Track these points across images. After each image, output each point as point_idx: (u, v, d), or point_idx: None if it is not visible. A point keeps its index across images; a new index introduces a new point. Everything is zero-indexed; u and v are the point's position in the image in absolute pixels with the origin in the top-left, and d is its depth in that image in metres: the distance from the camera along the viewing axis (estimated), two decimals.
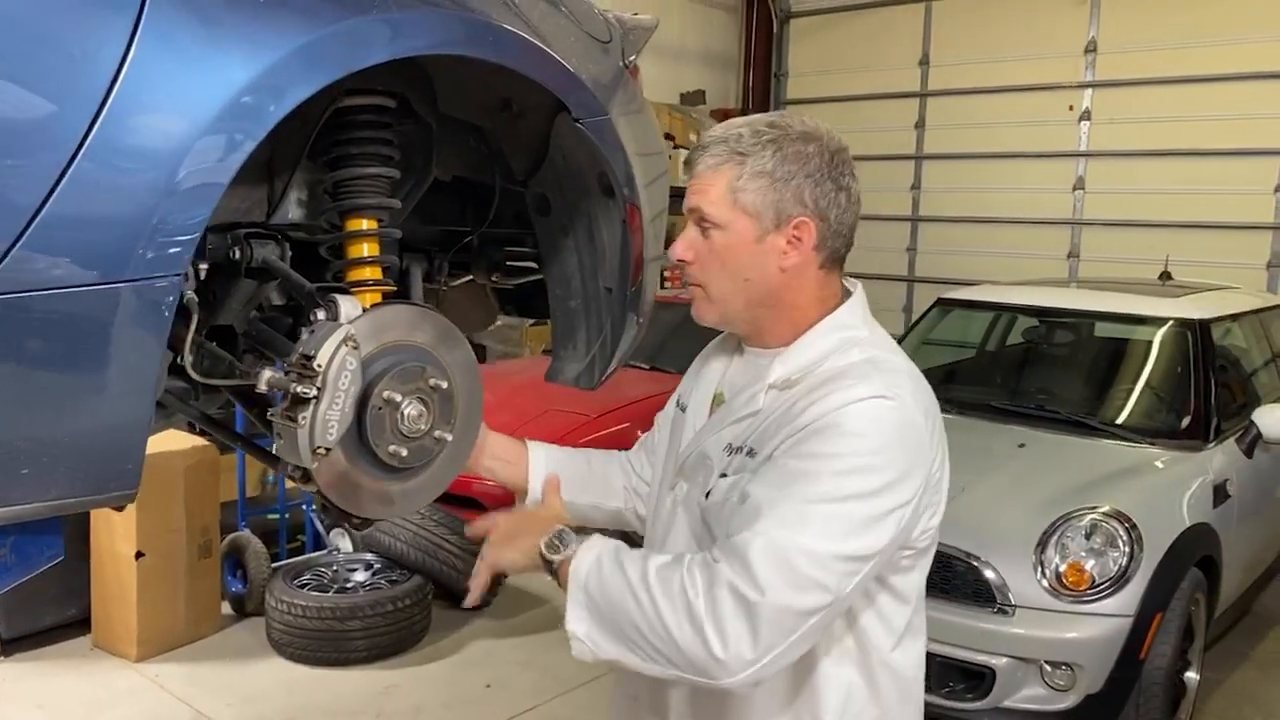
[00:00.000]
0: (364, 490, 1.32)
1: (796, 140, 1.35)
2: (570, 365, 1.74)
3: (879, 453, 1.26)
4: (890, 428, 1.28)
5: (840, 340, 1.39)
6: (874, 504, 1.25)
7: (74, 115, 0.92)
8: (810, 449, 1.27)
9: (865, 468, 1.25)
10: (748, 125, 1.38)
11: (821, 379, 1.33)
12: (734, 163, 1.35)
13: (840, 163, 1.37)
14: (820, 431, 1.27)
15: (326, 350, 1.22)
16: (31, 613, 3.91)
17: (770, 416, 1.37)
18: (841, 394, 1.28)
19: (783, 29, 9.80)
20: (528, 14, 1.38)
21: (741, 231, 1.36)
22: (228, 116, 1.00)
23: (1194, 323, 4.30)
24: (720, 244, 1.37)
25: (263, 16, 1.03)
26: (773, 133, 1.35)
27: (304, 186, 1.46)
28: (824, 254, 1.39)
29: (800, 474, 1.25)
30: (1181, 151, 7.63)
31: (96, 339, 0.96)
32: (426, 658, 4.03)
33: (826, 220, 1.37)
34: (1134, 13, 7.81)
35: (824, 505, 1.23)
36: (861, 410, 1.27)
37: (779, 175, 1.34)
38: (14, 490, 0.96)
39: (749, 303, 1.40)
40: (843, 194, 1.37)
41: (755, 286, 1.38)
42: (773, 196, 1.34)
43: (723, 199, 1.36)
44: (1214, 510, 3.65)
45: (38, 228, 0.91)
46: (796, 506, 1.23)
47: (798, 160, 1.34)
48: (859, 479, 1.25)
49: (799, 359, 1.39)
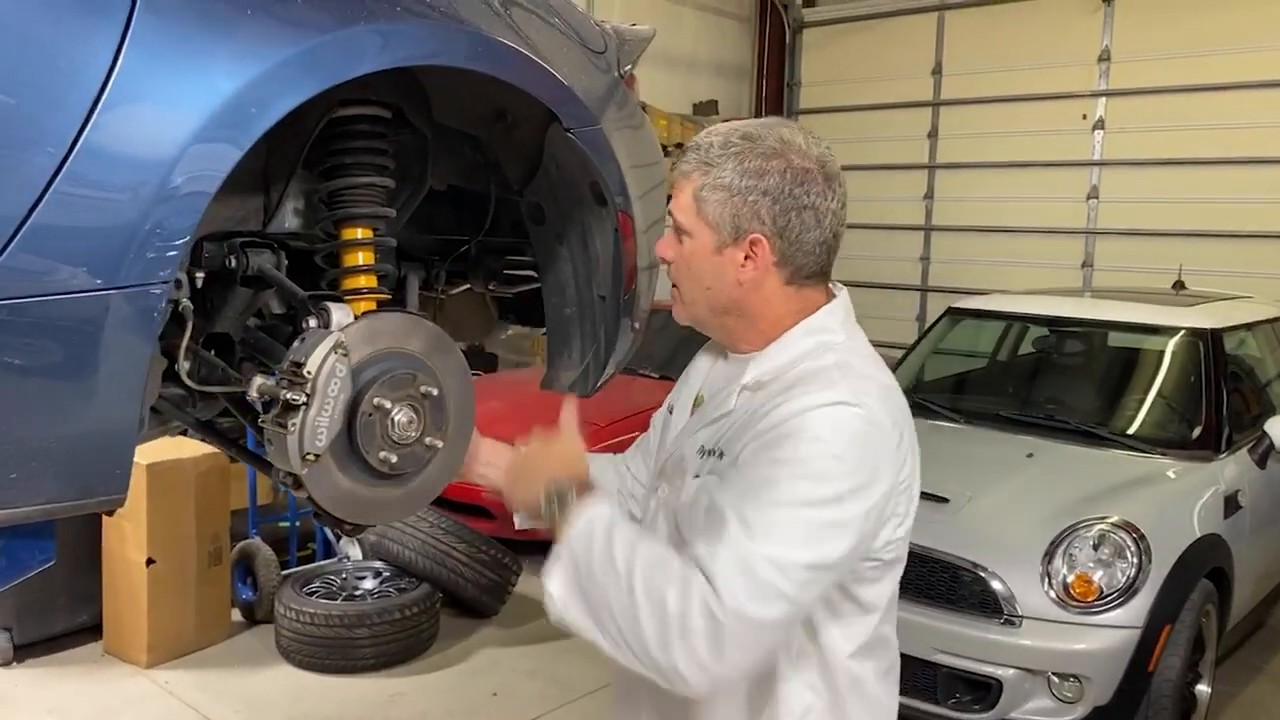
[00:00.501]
0: (355, 496, 1.33)
1: (760, 156, 1.33)
2: (565, 372, 1.75)
3: (841, 459, 1.25)
4: (852, 434, 1.26)
5: (816, 344, 1.38)
6: (834, 510, 1.24)
7: (62, 124, 0.93)
8: (772, 455, 1.26)
9: (824, 474, 1.24)
10: (722, 135, 1.38)
11: (790, 382, 1.33)
12: (700, 171, 1.37)
13: (806, 181, 1.33)
14: (784, 437, 1.26)
15: (316, 357, 1.23)
16: (44, 619, 3.95)
17: (740, 417, 1.37)
18: (806, 398, 1.28)
19: (795, 39, 9.81)
20: (518, 24, 1.39)
21: (703, 241, 1.37)
22: (215, 126, 1.01)
23: (1206, 332, 4.27)
24: (687, 250, 1.40)
25: (250, 27, 1.05)
26: (741, 145, 1.35)
27: (300, 196, 1.48)
28: (787, 270, 1.37)
29: (762, 480, 1.25)
30: (1196, 160, 7.59)
31: (85, 345, 0.98)
32: (433, 666, 4.04)
33: (785, 238, 1.34)
34: (1148, 21, 7.79)
35: (784, 510, 1.22)
36: (824, 415, 1.26)
37: (736, 189, 1.34)
38: (3, 493, 0.97)
39: (712, 309, 1.42)
40: (807, 212, 1.34)
41: (716, 295, 1.39)
42: (730, 210, 1.34)
43: (689, 206, 1.38)
44: (1225, 521, 3.63)
45: (26, 234, 0.92)
46: (758, 513, 1.23)
47: (756, 176, 1.33)
48: (819, 485, 1.24)
49: (773, 361, 1.39)
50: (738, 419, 1.37)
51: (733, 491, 1.27)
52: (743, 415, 1.36)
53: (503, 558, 4.37)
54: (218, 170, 1.03)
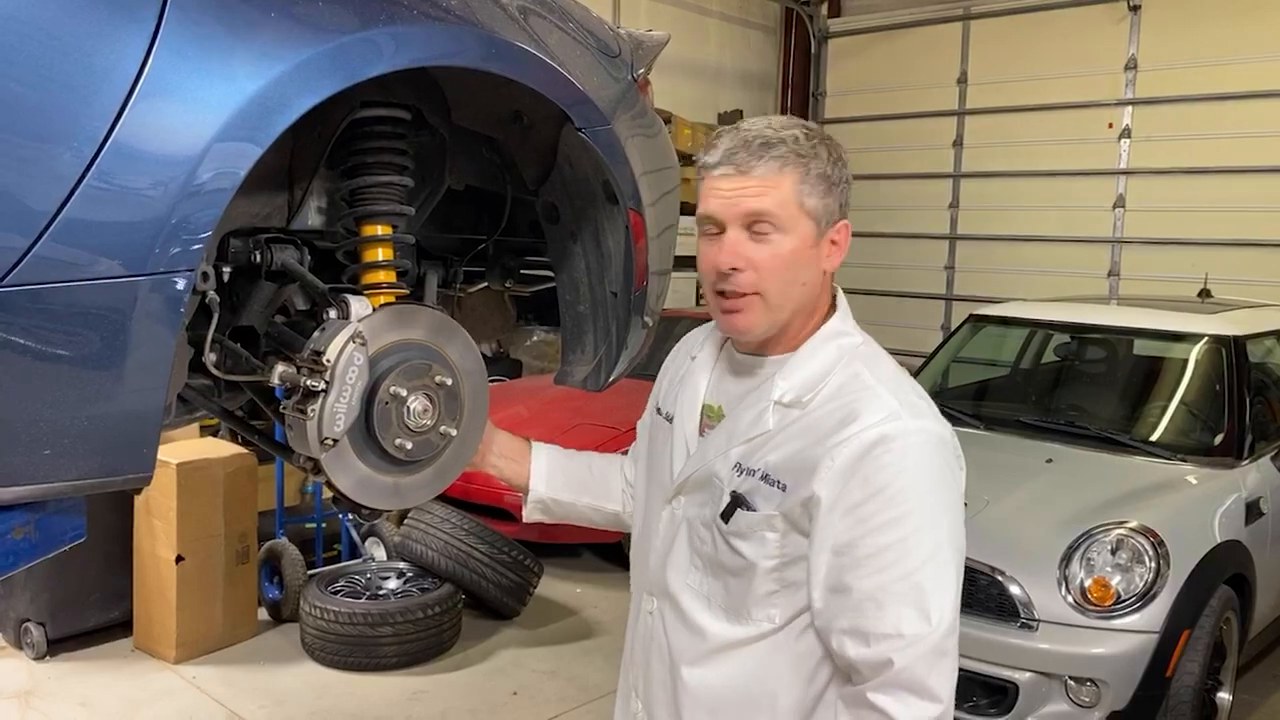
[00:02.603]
0: (371, 481, 1.38)
1: (834, 144, 1.37)
2: (578, 368, 1.79)
3: (938, 488, 1.30)
4: (932, 455, 1.31)
5: (838, 349, 1.39)
6: (960, 533, 1.32)
7: (94, 121, 0.99)
8: (881, 518, 1.27)
9: (935, 508, 1.30)
10: (795, 128, 1.35)
11: (841, 410, 1.33)
12: (799, 165, 1.33)
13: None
14: (880, 492, 1.28)
15: (335, 346, 1.28)
16: (76, 614, 4.04)
17: (784, 438, 1.36)
18: (874, 432, 1.29)
19: (821, 49, 9.84)
20: (533, 28, 1.44)
21: (804, 235, 1.34)
22: (238, 124, 1.07)
23: (1229, 339, 4.25)
24: (786, 248, 1.34)
25: (272, 28, 1.10)
26: (816, 133, 1.36)
27: (322, 194, 1.53)
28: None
29: (891, 546, 1.27)
30: (1223, 169, 7.54)
31: (114, 329, 1.03)
32: (455, 665, 4.09)
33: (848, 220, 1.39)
34: (1174, 29, 7.75)
35: (930, 569, 1.27)
36: (904, 450, 1.29)
37: (834, 178, 1.35)
38: (37, 469, 1.03)
39: (796, 310, 1.38)
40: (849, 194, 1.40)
41: (809, 290, 1.38)
42: (830, 199, 1.35)
43: (790, 201, 1.33)
44: (1246, 528, 3.61)
45: (60, 224, 0.98)
46: (910, 584, 1.27)
47: (843, 164, 1.37)
48: (938, 526, 1.29)
49: (801, 373, 1.37)
50: (780, 438, 1.36)
51: (872, 572, 1.27)
52: (788, 434, 1.35)
53: (524, 559, 4.42)
54: (240, 167, 1.09)
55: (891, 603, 1.26)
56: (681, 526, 1.46)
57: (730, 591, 1.38)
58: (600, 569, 5.18)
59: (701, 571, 1.42)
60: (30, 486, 1.04)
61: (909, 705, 1.25)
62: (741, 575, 1.37)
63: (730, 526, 1.37)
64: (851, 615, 1.28)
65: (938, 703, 1.25)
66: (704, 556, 1.41)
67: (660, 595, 1.48)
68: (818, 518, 1.30)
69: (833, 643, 1.31)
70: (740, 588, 1.37)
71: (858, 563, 1.28)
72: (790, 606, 1.35)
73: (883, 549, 1.27)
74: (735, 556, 1.36)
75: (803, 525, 1.32)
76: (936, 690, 1.25)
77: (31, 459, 1.02)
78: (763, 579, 1.35)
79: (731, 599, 1.38)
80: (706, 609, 1.41)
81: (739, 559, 1.36)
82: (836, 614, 1.29)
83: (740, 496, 1.36)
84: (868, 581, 1.27)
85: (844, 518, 1.29)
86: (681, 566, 1.45)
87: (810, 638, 1.35)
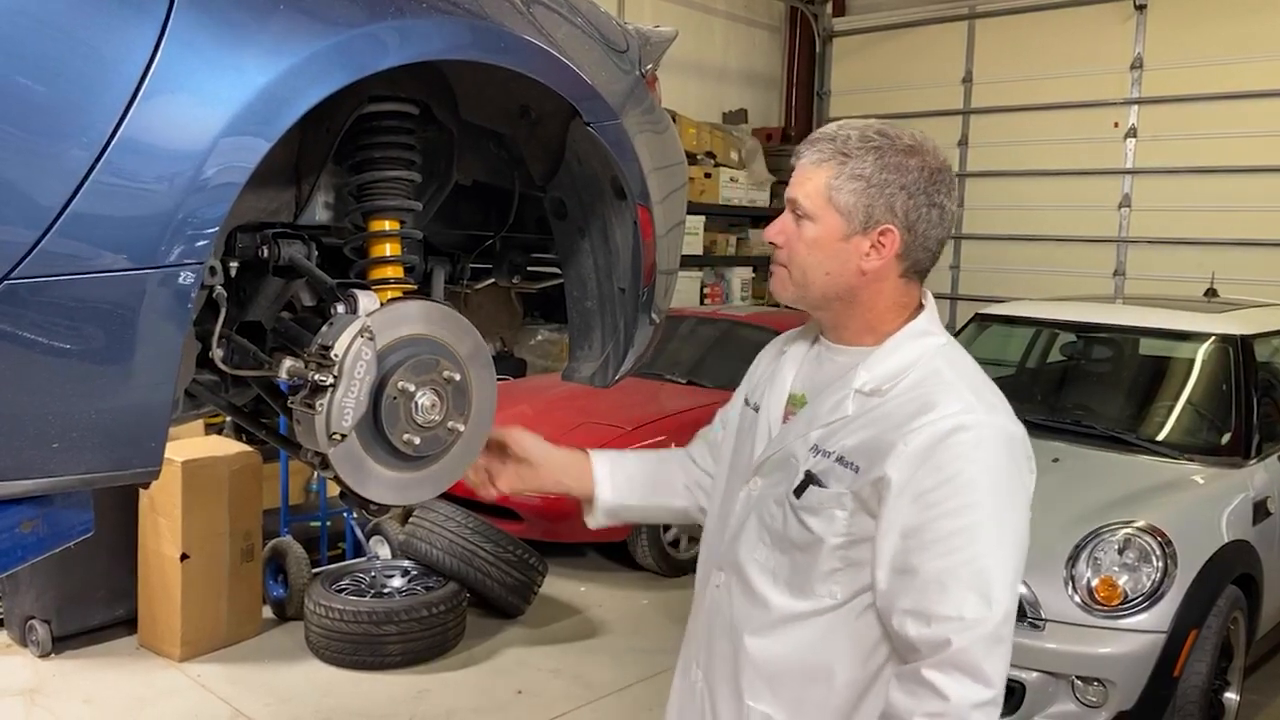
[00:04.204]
0: (379, 476, 1.38)
1: (899, 152, 1.41)
2: (586, 364, 1.79)
3: (1007, 481, 1.36)
4: (1003, 450, 1.36)
5: (922, 348, 1.45)
6: (1024, 529, 1.37)
7: (102, 116, 0.99)
8: (950, 504, 1.33)
9: (1002, 500, 1.34)
10: (858, 129, 1.43)
11: (915, 397, 1.39)
12: (836, 161, 1.41)
13: (939, 181, 1.42)
14: (951, 479, 1.33)
15: (343, 340, 1.28)
16: (81, 612, 4.05)
17: (861, 424, 1.42)
18: (949, 421, 1.35)
19: (825, 48, 9.83)
20: (540, 21, 1.44)
21: (831, 227, 1.42)
22: (245, 118, 1.07)
23: (1236, 339, 4.24)
24: (809, 234, 1.43)
25: (280, 22, 1.10)
26: (879, 140, 1.41)
27: (330, 189, 1.53)
28: (906, 263, 1.44)
29: (959, 532, 1.33)
30: (1229, 168, 7.52)
31: (121, 323, 1.03)
32: (460, 663, 4.09)
33: (913, 232, 1.42)
34: (1180, 28, 7.73)
35: (994, 556, 1.32)
36: (977, 442, 1.35)
37: (875, 181, 1.40)
38: (45, 462, 1.03)
39: (825, 294, 1.46)
40: (934, 210, 1.42)
41: (834, 280, 1.44)
42: (865, 200, 1.40)
43: (818, 193, 1.42)
44: (1254, 527, 3.60)
45: (68, 217, 0.98)
46: (974, 569, 1.32)
47: (896, 171, 1.40)
48: (1004, 515, 1.34)
49: (885, 366, 1.44)
50: (858, 424, 1.42)
51: (937, 555, 1.32)
52: (865, 421, 1.41)
53: (529, 558, 4.42)
54: (248, 161, 1.08)
55: (955, 586, 1.31)
56: (755, 504, 1.52)
57: (795, 566, 1.44)
58: (605, 568, 5.17)
59: (769, 546, 1.48)
60: (38, 480, 1.03)
61: (962, 685, 1.29)
62: (807, 550, 1.43)
63: (801, 501, 1.43)
64: (915, 596, 1.33)
65: (990, 687, 1.29)
66: (772, 532, 1.48)
67: (728, 569, 1.54)
68: (887, 500, 1.36)
69: (894, 622, 1.35)
70: (805, 563, 1.43)
71: (924, 545, 1.33)
72: (852, 585, 1.40)
73: (950, 534, 1.32)
74: (804, 531, 1.43)
75: (871, 506, 1.38)
76: (990, 675, 1.30)
77: (39, 452, 1.02)
78: (828, 555, 1.41)
79: (796, 573, 1.44)
80: (772, 583, 1.47)
81: (807, 534, 1.42)
82: (900, 594, 1.34)
83: (814, 475, 1.43)
84: (933, 564, 1.32)
85: (913, 502, 1.34)
86: (750, 541, 1.51)
87: (870, 618, 1.40)
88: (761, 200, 8.73)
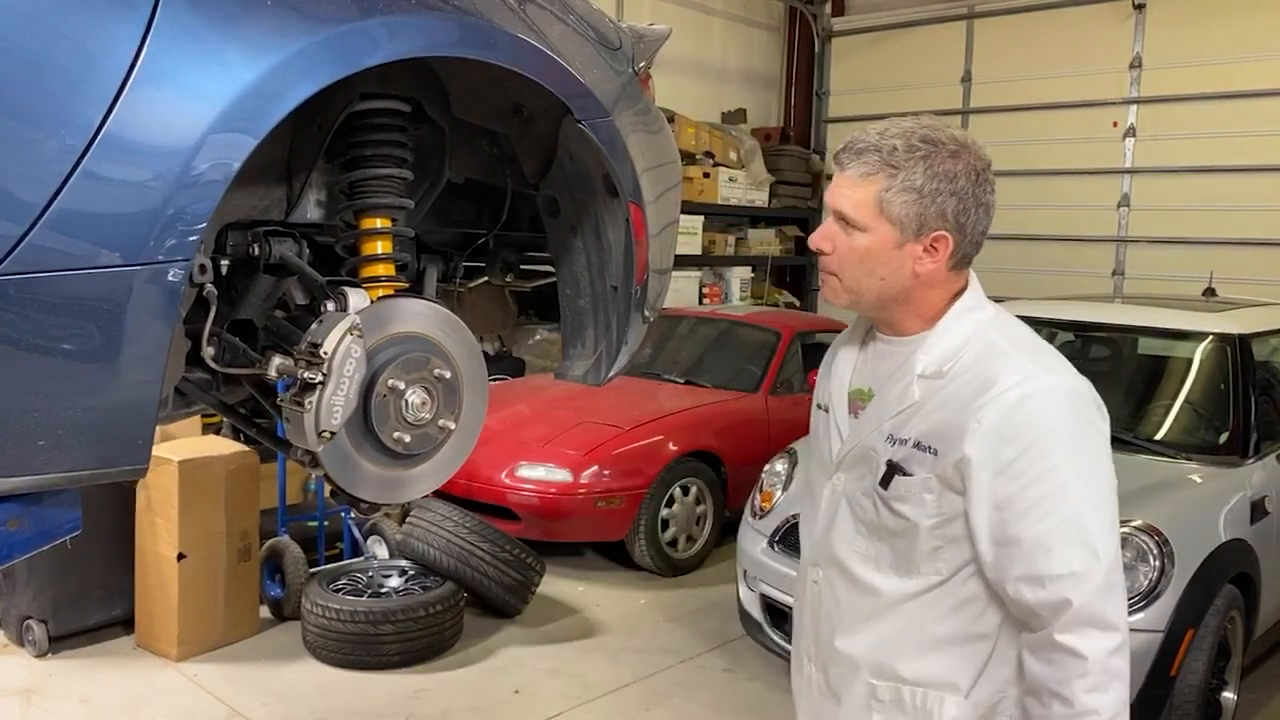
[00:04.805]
0: (369, 474, 1.38)
1: (948, 159, 1.43)
2: (579, 363, 1.78)
3: (1081, 434, 1.41)
4: (1070, 406, 1.41)
5: (974, 323, 1.50)
6: (1110, 472, 1.43)
7: (88, 109, 0.98)
8: (1034, 471, 1.38)
9: (1081, 453, 1.40)
10: (903, 137, 1.44)
11: (980, 376, 1.43)
12: (885, 174, 1.43)
13: (984, 181, 1.47)
14: (1030, 447, 1.38)
15: (333, 338, 1.28)
16: (78, 612, 4.04)
17: (930, 408, 1.46)
18: (1014, 393, 1.40)
19: (824, 48, 9.82)
20: (532, 19, 1.44)
21: (884, 238, 1.45)
22: (232, 114, 1.06)
23: (1234, 338, 4.23)
24: (862, 244, 1.47)
25: (270, 17, 1.09)
26: (925, 149, 1.43)
27: (321, 187, 1.53)
28: (956, 258, 1.49)
29: (1048, 495, 1.38)
30: (1228, 168, 7.50)
31: (107, 320, 1.03)
32: (457, 663, 4.08)
33: (963, 233, 1.46)
34: (1179, 28, 7.72)
35: (1088, 508, 1.38)
36: (1043, 406, 1.40)
37: (926, 191, 1.43)
38: (30, 460, 1.03)
39: (880, 298, 1.50)
40: (981, 209, 1.47)
41: (889, 285, 1.48)
42: (917, 209, 1.43)
43: (869, 206, 1.45)
44: (1252, 527, 3.59)
45: (53, 213, 0.97)
46: (1073, 525, 1.37)
47: (946, 178, 1.43)
48: (1088, 461, 1.40)
49: (942, 347, 1.48)
50: (927, 409, 1.47)
51: (1032, 521, 1.38)
52: (933, 404, 1.46)
53: (526, 558, 4.41)
54: (235, 158, 1.08)
55: (1059, 545, 1.36)
56: (842, 500, 1.57)
57: (897, 551, 1.50)
58: (603, 567, 5.17)
59: (866, 537, 1.53)
60: (24, 478, 1.03)
61: (1094, 640, 1.35)
62: (905, 535, 1.48)
63: (890, 492, 1.48)
64: (1023, 563, 1.38)
65: (1117, 631, 1.36)
66: (867, 523, 1.53)
67: (826, 564, 1.60)
68: (970, 477, 1.41)
69: (1009, 591, 1.40)
70: (906, 546, 1.49)
71: (1020, 515, 1.38)
72: (955, 558, 1.46)
73: (1041, 498, 1.37)
74: (898, 519, 1.48)
75: (956, 485, 1.43)
76: (1114, 619, 1.36)
77: (25, 450, 1.02)
78: (926, 536, 1.46)
79: (899, 558, 1.50)
80: (876, 570, 1.52)
81: (901, 520, 1.47)
82: (1008, 564, 1.40)
83: (896, 464, 1.48)
84: (1032, 530, 1.37)
85: (998, 476, 1.39)
86: (846, 535, 1.56)
87: (974, 584, 1.46)
88: (760, 200, 8.72)
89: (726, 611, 4.28)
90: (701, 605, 4.74)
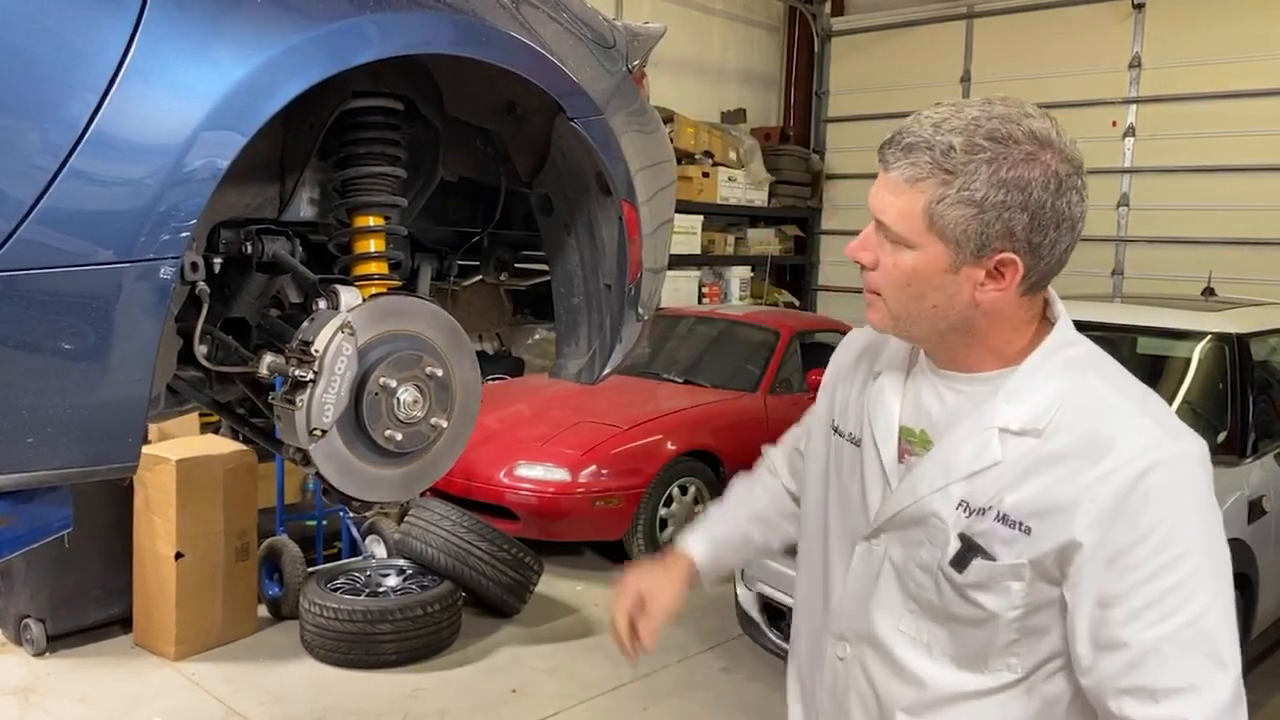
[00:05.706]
0: (361, 473, 1.38)
1: (1020, 163, 1.11)
2: (572, 361, 1.78)
3: (1209, 517, 1.15)
4: (1201, 481, 1.15)
5: (1064, 363, 1.21)
6: (1229, 559, 1.16)
7: (77, 105, 0.99)
8: (1155, 562, 1.11)
9: (1210, 541, 1.14)
10: (963, 133, 1.12)
11: (1090, 437, 1.15)
12: (937, 180, 1.12)
13: (1069, 189, 1.13)
14: (1149, 535, 1.11)
15: (324, 336, 1.28)
16: (76, 611, 4.04)
17: (1019, 471, 1.17)
18: (1138, 464, 1.12)
19: (824, 47, 9.82)
20: (524, 17, 1.44)
21: (934, 258, 1.15)
22: (222, 111, 1.06)
23: (1232, 337, 4.23)
24: (907, 263, 1.17)
25: (260, 13, 1.09)
26: (991, 149, 1.11)
27: (314, 185, 1.53)
28: (1029, 283, 1.18)
29: (1171, 591, 1.11)
30: (1228, 167, 7.50)
31: (97, 317, 1.03)
32: (454, 662, 4.08)
33: (1037, 254, 1.15)
34: (1179, 28, 7.72)
35: (1215, 609, 1.12)
36: (1173, 482, 1.12)
37: (990, 204, 1.11)
38: (19, 457, 1.03)
39: (934, 329, 1.21)
40: (1064, 225, 1.14)
41: (943, 313, 1.19)
42: (977, 226, 1.12)
43: (916, 218, 1.14)
44: (1249, 526, 3.58)
45: (42, 209, 0.97)
46: (1196, 630, 1.10)
47: (1016, 188, 1.11)
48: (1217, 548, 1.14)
49: (1032, 398, 1.18)
50: (1015, 472, 1.17)
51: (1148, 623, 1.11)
52: (1023, 468, 1.17)
53: (524, 557, 4.41)
54: (224, 155, 1.08)
55: (1178, 654, 1.10)
56: (885, 565, 1.28)
57: (960, 640, 1.23)
58: (601, 567, 5.16)
59: (918, 616, 1.26)
60: (13, 475, 1.03)
61: None
62: (980, 626, 1.21)
63: (966, 577, 1.19)
64: (1132, 673, 1.12)
65: None
66: (921, 601, 1.25)
67: (857, 640, 1.32)
68: (1075, 564, 1.14)
69: (1110, 704, 1.14)
70: (976, 638, 1.22)
71: (1134, 615, 1.11)
72: (1035, 654, 1.20)
73: (1161, 596, 1.11)
74: (973, 608, 1.20)
75: (1052, 574, 1.16)
76: None
77: (14, 447, 1.02)
78: (1005, 629, 1.19)
79: (962, 648, 1.23)
80: (927, 656, 1.25)
81: (978, 610, 1.20)
82: (1111, 672, 1.13)
83: (972, 541, 1.19)
84: (1148, 634, 1.11)
85: (1109, 566, 1.12)
86: (893, 610, 1.28)
87: (1058, 682, 1.20)
88: (760, 199, 8.73)
89: (724, 611, 4.27)
90: (699, 604, 4.73)
